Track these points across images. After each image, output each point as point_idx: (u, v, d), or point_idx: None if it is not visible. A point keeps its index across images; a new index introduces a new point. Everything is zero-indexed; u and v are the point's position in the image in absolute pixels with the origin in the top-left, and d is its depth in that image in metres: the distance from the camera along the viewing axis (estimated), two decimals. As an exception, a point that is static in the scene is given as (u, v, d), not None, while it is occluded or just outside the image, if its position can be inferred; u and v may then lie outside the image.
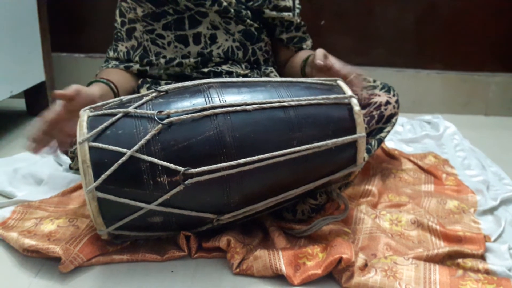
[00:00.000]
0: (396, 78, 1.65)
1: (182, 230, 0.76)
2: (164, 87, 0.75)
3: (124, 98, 0.75)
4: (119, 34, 1.01)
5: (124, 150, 0.66)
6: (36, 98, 1.47)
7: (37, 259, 0.75)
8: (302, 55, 1.04)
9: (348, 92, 0.77)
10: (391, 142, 1.32)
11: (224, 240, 0.75)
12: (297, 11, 1.07)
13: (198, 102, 0.71)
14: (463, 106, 1.72)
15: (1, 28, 1.21)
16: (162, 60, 0.98)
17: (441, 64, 1.70)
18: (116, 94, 0.90)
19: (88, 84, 0.87)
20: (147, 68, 0.99)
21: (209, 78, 0.97)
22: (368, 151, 0.95)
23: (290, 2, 1.05)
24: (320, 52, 0.87)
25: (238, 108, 0.70)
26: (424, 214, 0.89)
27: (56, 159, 1.10)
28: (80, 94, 0.77)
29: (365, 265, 0.72)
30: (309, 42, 1.10)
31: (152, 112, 0.69)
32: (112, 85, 0.89)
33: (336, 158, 0.75)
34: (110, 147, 0.66)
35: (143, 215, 0.69)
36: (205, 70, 0.98)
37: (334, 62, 0.85)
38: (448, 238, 0.82)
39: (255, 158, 0.68)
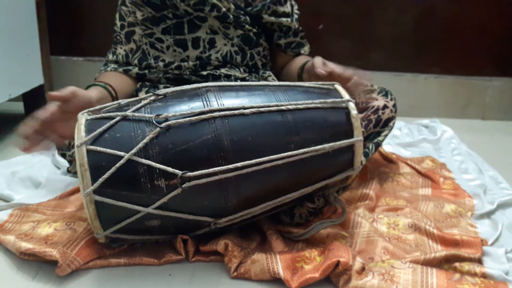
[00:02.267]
0: (393, 82, 1.66)
1: (180, 234, 0.76)
2: (162, 91, 0.75)
3: (122, 101, 0.76)
4: (118, 37, 1.02)
5: (122, 153, 0.66)
6: (35, 101, 1.47)
7: (35, 262, 0.74)
8: (299, 61, 1.04)
9: (346, 96, 0.77)
10: (388, 146, 1.33)
11: (221, 243, 0.75)
12: (296, 16, 1.07)
13: (196, 105, 0.71)
14: (460, 110, 1.73)
15: (-1, 31, 1.21)
16: (161, 63, 0.98)
17: (438, 68, 1.71)
18: (114, 98, 0.90)
19: (87, 88, 0.87)
20: (146, 71, 0.99)
21: (207, 81, 0.97)
22: (366, 154, 0.96)
23: (289, 8, 1.05)
24: (318, 60, 0.87)
25: (236, 111, 0.71)
26: (422, 218, 0.89)
27: (54, 162, 1.10)
28: (77, 96, 0.76)
29: (363, 268, 0.72)
30: (306, 48, 1.11)
31: (150, 115, 0.69)
32: (110, 88, 0.89)
33: (334, 161, 0.75)
34: (108, 150, 0.67)
35: (140, 218, 0.69)
36: (204, 73, 0.98)
37: (334, 67, 0.85)
38: (445, 242, 0.82)
39: (253, 161, 0.69)
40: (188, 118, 0.69)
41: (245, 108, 0.71)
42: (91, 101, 0.79)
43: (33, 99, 1.46)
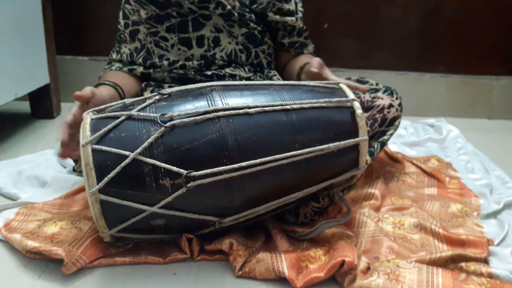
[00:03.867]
0: (399, 81, 1.65)
1: (185, 233, 0.76)
2: (167, 90, 0.75)
3: (127, 101, 0.76)
4: (122, 36, 1.02)
5: (127, 152, 0.66)
6: (41, 100, 1.48)
7: (41, 261, 0.75)
8: (300, 60, 1.04)
9: (351, 95, 0.77)
10: (394, 145, 1.32)
11: (226, 242, 0.75)
12: (300, 15, 1.07)
13: (200, 105, 0.71)
14: (466, 110, 1.72)
15: (6, 31, 1.22)
16: (165, 62, 0.98)
17: (444, 67, 1.70)
18: (123, 97, 0.90)
19: (95, 86, 0.88)
20: (151, 71, 0.99)
21: (212, 81, 0.97)
22: (371, 154, 0.95)
23: (293, 6, 1.05)
24: (317, 61, 0.89)
25: (240, 111, 0.70)
26: (427, 218, 0.88)
27: (60, 161, 1.11)
28: (95, 96, 0.78)
29: (368, 268, 0.72)
30: (310, 48, 1.11)
31: (155, 115, 0.69)
32: (118, 88, 0.90)
33: (339, 161, 0.75)
34: (113, 149, 0.67)
35: (145, 217, 0.69)
36: (209, 73, 0.99)
37: (329, 74, 0.87)
38: (451, 241, 0.82)
39: (258, 161, 0.69)
40: (193, 118, 0.69)
41: (249, 108, 0.71)
42: (106, 101, 0.81)
43: (39, 98, 1.47)
